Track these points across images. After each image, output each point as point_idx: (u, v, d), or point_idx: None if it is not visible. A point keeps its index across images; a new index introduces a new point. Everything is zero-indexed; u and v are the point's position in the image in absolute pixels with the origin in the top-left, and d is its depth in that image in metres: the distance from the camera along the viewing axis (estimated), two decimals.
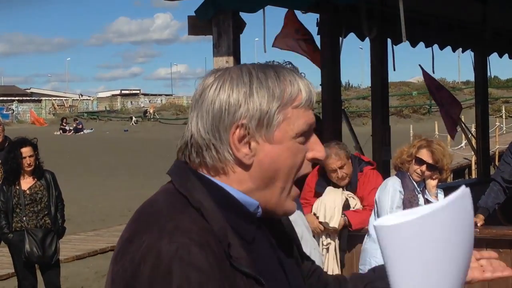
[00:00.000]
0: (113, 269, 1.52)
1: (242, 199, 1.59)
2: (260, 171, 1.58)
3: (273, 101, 1.57)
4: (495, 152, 24.09)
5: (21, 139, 7.82)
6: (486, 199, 6.75)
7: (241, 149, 1.57)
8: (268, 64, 1.65)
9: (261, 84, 1.58)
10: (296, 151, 1.60)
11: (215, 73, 1.63)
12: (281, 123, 1.57)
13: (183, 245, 1.44)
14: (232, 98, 1.56)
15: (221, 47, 6.38)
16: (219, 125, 1.57)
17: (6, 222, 7.72)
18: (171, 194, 1.58)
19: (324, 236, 6.40)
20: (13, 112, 68.75)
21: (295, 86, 1.60)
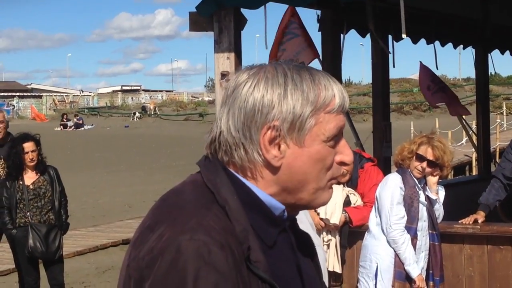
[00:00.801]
0: (130, 254, 1.52)
1: (268, 201, 1.58)
2: (289, 174, 1.57)
3: (307, 105, 1.55)
4: (496, 149, 24.09)
5: (23, 135, 7.82)
6: (487, 196, 6.75)
7: (271, 150, 1.55)
8: (304, 66, 1.63)
9: (296, 87, 1.56)
10: (326, 154, 1.59)
11: (249, 70, 1.61)
12: (313, 127, 1.56)
13: (204, 244, 1.43)
14: (266, 98, 1.54)
15: (222, 43, 6.38)
16: (251, 124, 1.55)
17: (10, 217, 7.72)
18: (199, 187, 1.57)
19: (325, 233, 6.41)
20: (14, 107, 68.79)
21: (329, 91, 1.58)
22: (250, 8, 6.53)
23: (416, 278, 5.78)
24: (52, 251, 7.71)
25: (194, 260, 1.41)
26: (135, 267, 1.47)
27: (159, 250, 1.44)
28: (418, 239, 5.86)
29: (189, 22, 6.57)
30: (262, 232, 1.55)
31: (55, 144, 31.67)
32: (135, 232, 1.57)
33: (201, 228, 1.45)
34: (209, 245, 1.43)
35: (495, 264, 6.23)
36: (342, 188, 6.45)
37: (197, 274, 1.41)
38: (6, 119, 8.71)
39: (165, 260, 1.42)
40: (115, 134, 47.49)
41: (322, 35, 8.08)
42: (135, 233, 1.56)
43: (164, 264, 1.42)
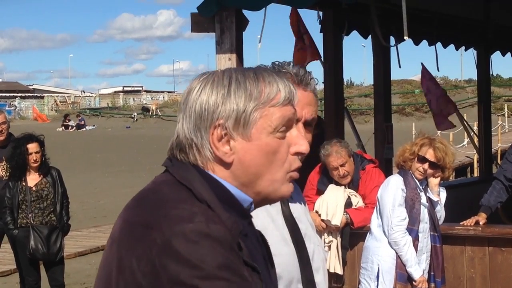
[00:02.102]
0: (125, 255, 1.57)
1: (237, 195, 1.67)
2: (242, 168, 1.65)
3: (250, 101, 1.64)
4: (498, 151, 24.06)
5: (27, 135, 7.80)
6: (489, 198, 6.74)
7: (220, 148, 1.64)
8: (251, 67, 1.74)
9: (239, 86, 1.65)
10: (275, 146, 1.66)
11: (200, 77, 1.71)
12: (258, 120, 1.65)
13: (206, 223, 1.53)
14: (211, 99, 1.65)
15: (224, 44, 6.38)
16: (200, 125, 1.65)
17: (12, 218, 7.71)
18: (173, 185, 1.64)
19: (326, 234, 6.41)
20: (15, 108, 68.84)
21: (273, 87, 1.67)
22: (252, 9, 6.53)
23: (417, 280, 5.78)
24: (54, 253, 7.70)
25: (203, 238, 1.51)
26: (145, 263, 1.52)
27: (166, 242, 1.51)
28: (419, 241, 5.85)
29: (190, 23, 6.57)
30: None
31: (57, 145, 31.68)
32: (119, 230, 1.63)
33: (197, 215, 1.54)
34: (212, 222, 1.54)
35: (497, 266, 6.22)
36: (343, 190, 6.45)
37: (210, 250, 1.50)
38: (7, 120, 8.70)
39: (179, 246, 1.50)
40: (116, 135, 47.51)
41: (324, 36, 8.07)
42: (121, 232, 1.63)
43: (181, 247, 1.50)
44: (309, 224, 2.73)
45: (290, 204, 2.46)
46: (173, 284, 1.49)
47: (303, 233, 2.53)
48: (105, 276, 1.62)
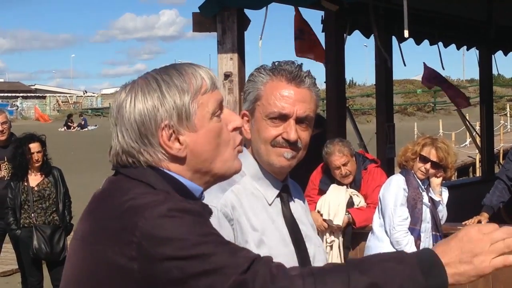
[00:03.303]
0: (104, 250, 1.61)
1: (189, 186, 1.75)
2: (195, 158, 1.74)
3: (184, 95, 1.72)
4: (500, 151, 24.04)
5: (29, 135, 7.79)
6: (491, 198, 6.74)
7: (173, 146, 1.71)
8: (168, 66, 1.80)
9: (169, 84, 1.72)
10: (217, 129, 1.75)
11: (125, 88, 1.77)
12: (197, 110, 1.72)
13: (180, 200, 1.64)
14: (148, 105, 1.71)
15: (226, 44, 6.38)
16: (146, 132, 1.71)
17: (14, 218, 7.71)
18: (132, 182, 1.71)
19: (328, 234, 6.40)
20: (17, 108, 68.84)
21: (197, 76, 1.75)
22: (253, 8, 6.52)
23: None
24: (57, 253, 7.70)
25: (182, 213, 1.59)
26: (129, 248, 1.56)
27: (148, 222, 1.56)
28: (421, 241, 5.85)
29: (192, 22, 6.57)
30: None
31: (59, 145, 31.67)
32: (87, 231, 1.69)
33: (167, 197, 1.63)
34: (183, 202, 1.64)
35: None
36: (345, 189, 6.45)
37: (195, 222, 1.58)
38: (9, 119, 8.69)
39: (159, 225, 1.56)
40: None
41: (326, 36, 8.07)
42: (87, 232, 1.69)
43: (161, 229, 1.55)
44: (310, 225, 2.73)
45: (291, 204, 2.45)
46: (164, 259, 1.53)
47: (303, 234, 2.52)
48: (87, 280, 1.65)
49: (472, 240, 1.63)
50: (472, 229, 1.65)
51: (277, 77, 2.34)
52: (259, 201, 2.30)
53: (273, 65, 2.38)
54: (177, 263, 1.54)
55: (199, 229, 1.58)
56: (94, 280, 1.62)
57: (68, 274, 1.76)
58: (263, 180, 2.36)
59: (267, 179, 2.34)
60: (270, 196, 2.34)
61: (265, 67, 2.39)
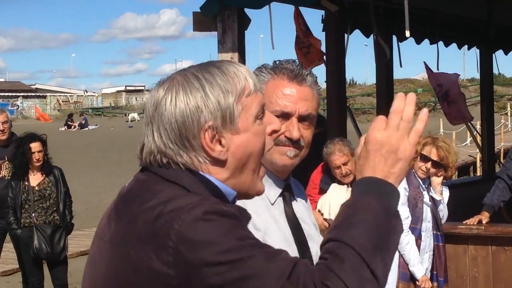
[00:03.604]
0: (137, 255, 1.53)
1: (224, 189, 1.68)
2: (234, 161, 1.67)
3: (228, 96, 1.64)
4: (500, 150, 24.07)
5: (30, 134, 7.80)
6: (491, 197, 6.73)
7: (215, 148, 1.64)
8: (209, 62, 1.73)
9: (212, 84, 1.64)
10: (260, 132, 1.70)
11: (162, 85, 1.69)
12: (241, 113, 1.66)
13: (217, 203, 1.56)
14: (191, 105, 1.63)
15: (226, 43, 6.38)
16: (187, 134, 1.63)
17: (15, 218, 7.71)
18: (163, 183, 1.63)
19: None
20: (18, 108, 68.85)
21: (241, 77, 1.68)
22: (254, 8, 6.52)
23: (420, 279, 5.77)
24: (57, 252, 7.70)
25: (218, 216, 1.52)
26: (166, 253, 1.49)
27: (185, 225, 1.50)
28: (422, 240, 5.85)
29: (192, 22, 6.57)
30: None
31: (59, 144, 31.68)
32: (117, 235, 1.61)
33: (203, 200, 1.56)
34: (219, 204, 1.56)
35: (500, 265, 6.22)
36: (346, 189, 6.44)
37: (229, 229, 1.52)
38: (9, 119, 8.69)
39: (199, 228, 1.50)
40: (119, 134, 47.50)
41: (326, 35, 8.06)
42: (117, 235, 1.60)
43: (198, 233, 1.49)
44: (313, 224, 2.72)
45: (293, 204, 2.44)
46: (202, 265, 1.46)
47: (306, 234, 2.52)
48: (118, 286, 1.57)
49: (383, 142, 1.66)
50: (374, 134, 1.68)
51: (278, 76, 2.33)
52: (262, 201, 2.29)
53: (275, 64, 2.38)
54: (216, 269, 1.47)
55: (237, 233, 1.52)
56: (126, 285, 1.55)
57: (94, 276, 1.66)
58: (265, 179, 2.35)
59: (269, 178, 2.31)
60: (273, 196, 2.34)
61: (266, 66, 2.39)
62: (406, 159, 1.67)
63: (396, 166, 1.67)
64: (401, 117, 1.66)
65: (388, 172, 1.66)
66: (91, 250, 1.72)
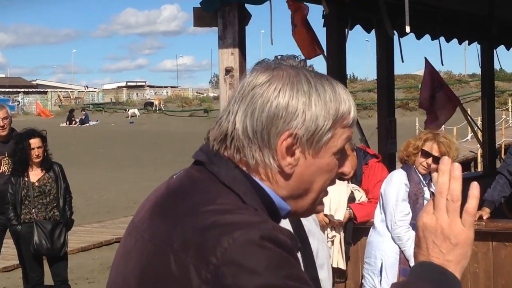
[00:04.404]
0: (178, 265, 1.43)
1: (278, 203, 1.57)
2: (297, 182, 1.56)
3: (328, 117, 1.54)
4: (501, 145, 24.03)
5: (30, 130, 7.79)
6: (492, 192, 6.73)
7: (287, 158, 1.53)
8: (323, 75, 1.61)
9: (320, 97, 1.54)
10: (334, 166, 1.59)
11: (269, 71, 1.57)
12: (329, 140, 1.56)
13: (273, 229, 1.44)
14: (292, 105, 1.52)
15: (227, 39, 6.37)
16: (271, 128, 1.51)
17: (15, 213, 7.71)
18: (219, 186, 1.52)
19: (329, 229, 6.40)
20: (19, 103, 68.88)
21: (347, 105, 1.58)
22: (254, 3, 6.51)
23: None
24: (57, 248, 7.70)
25: (271, 244, 1.40)
26: (206, 270, 1.39)
27: (236, 246, 1.39)
28: None
29: (193, 17, 6.56)
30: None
31: (60, 140, 31.69)
32: (162, 231, 1.49)
33: (260, 222, 1.44)
34: (275, 230, 1.44)
35: (500, 261, 6.21)
36: (346, 185, 6.43)
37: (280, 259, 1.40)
38: (10, 114, 8.68)
39: (248, 253, 1.38)
40: (120, 130, 47.54)
41: (327, 31, 8.05)
42: (163, 238, 1.48)
43: (245, 257, 1.38)
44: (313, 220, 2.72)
45: None
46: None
47: (306, 230, 2.51)
48: (149, 284, 1.48)
49: (434, 228, 1.52)
50: (423, 219, 1.54)
51: None
52: None
53: (276, 59, 2.37)
54: None
55: (287, 270, 1.39)
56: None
57: (127, 271, 1.54)
58: None
59: None
60: None
61: (267, 61, 2.37)
62: (463, 243, 1.50)
63: (452, 253, 1.50)
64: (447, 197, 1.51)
65: (444, 260, 1.50)
66: (126, 242, 1.60)
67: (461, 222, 1.50)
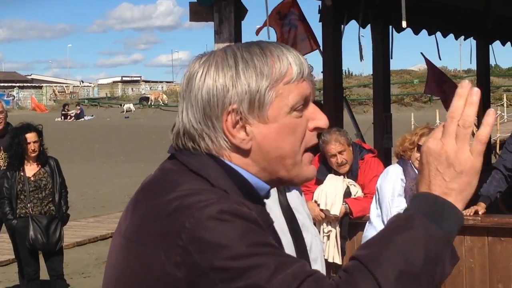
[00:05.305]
0: (149, 252, 1.43)
1: (255, 183, 1.55)
2: (262, 154, 1.53)
3: (262, 79, 1.50)
4: (496, 141, 24.05)
5: (26, 125, 7.77)
6: (488, 188, 6.73)
7: (237, 135, 1.51)
8: (254, 42, 1.58)
9: (248, 64, 1.51)
10: (294, 125, 1.53)
11: (200, 59, 1.56)
12: (274, 100, 1.51)
13: (235, 203, 1.42)
14: (219, 83, 1.50)
15: (223, 33, 6.36)
16: (210, 113, 1.51)
17: (10, 208, 7.69)
18: (187, 174, 1.52)
19: (325, 224, 6.40)
20: (14, 98, 68.71)
21: (284, 61, 1.52)
22: None
23: None
24: (53, 243, 7.69)
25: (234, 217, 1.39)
26: (175, 253, 1.39)
27: (197, 224, 1.38)
28: None
29: (189, 12, 6.55)
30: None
31: (55, 135, 31.67)
32: (132, 230, 1.50)
33: (222, 198, 1.43)
34: (238, 204, 1.42)
35: (496, 256, 6.22)
36: (342, 179, 6.44)
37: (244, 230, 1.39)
38: (5, 109, 8.67)
39: (210, 228, 1.38)
40: (115, 125, 47.47)
41: (323, 26, 8.04)
42: (133, 230, 1.50)
43: (209, 234, 1.37)
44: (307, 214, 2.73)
45: (288, 194, 2.45)
46: (209, 270, 1.36)
47: (300, 224, 2.52)
48: (127, 280, 1.48)
49: (438, 153, 1.43)
50: (428, 144, 1.45)
51: None
52: None
53: None
54: (222, 276, 1.35)
55: (251, 238, 1.38)
56: (134, 283, 1.45)
57: (108, 270, 1.56)
58: None
59: None
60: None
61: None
62: (468, 172, 1.43)
63: (455, 181, 1.43)
64: (458, 122, 1.42)
65: (446, 188, 1.43)
66: (110, 244, 1.62)
67: (470, 150, 1.42)
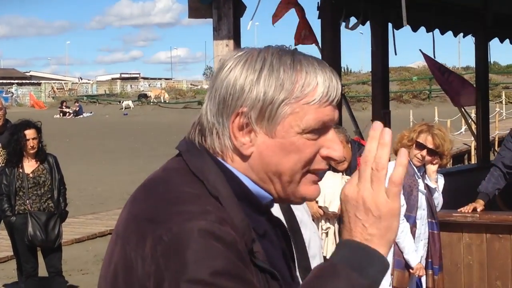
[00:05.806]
0: (131, 254, 1.40)
1: (255, 191, 1.50)
2: (261, 164, 1.48)
3: (280, 92, 1.44)
4: (495, 138, 24.08)
5: (25, 122, 7.77)
6: (486, 185, 6.74)
7: (239, 138, 1.47)
8: (291, 51, 1.51)
9: (272, 72, 1.45)
10: (302, 146, 1.46)
11: (236, 53, 1.52)
12: (286, 117, 1.45)
13: (214, 222, 1.37)
14: (238, 83, 1.45)
15: (221, 30, 6.35)
16: (223, 109, 1.47)
17: (9, 205, 7.69)
18: (186, 175, 1.48)
19: (323, 221, 6.40)
20: (12, 95, 68.65)
21: (311, 79, 1.45)
22: None
23: (415, 267, 5.77)
24: (52, 239, 7.69)
25: (211, 239, 1.34)
26: (149, 263, 1.36)
27: (172, 239, 1.35)
28: (417, 228, 5.84)
29: (188, 9, 6.54)
30: (253, 222, 1.48)
31: (54, 132, 31.64)
32: (122, 224, 1.48)
33: (207, 214, 1.38)
34: (221, 224, 1.37)
35: (494, 253, 6.23)
36: (341, 177, 6.44)
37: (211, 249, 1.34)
38: (4, 106, 8.66)
39: (183, 246, 1.34)
40: (114, 121, 47.46)
41: (322, 23, 8.04)
42: (124, 225, 1.47)
43: (182, 252, 1.34)
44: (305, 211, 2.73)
45: None
46: (174, 286, 1.32)
47: (299, 220, 2.52)
48: (111, 276, 1.46)
49: (355, 199, 1.38)
50: (345, 190, 1.40)
51: None
52: None
53: None
54: None
55: (219, 266, 1.32)
56: (116, 283, 1.43)
57: (102, 269, 1.54)
58: None
59: None
60: None
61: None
62: (385, 216, 1.36)
63: (375, 227, 1.36)
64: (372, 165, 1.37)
65: (367, 235, 1.36)
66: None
67: (386, 192, 1.36)
